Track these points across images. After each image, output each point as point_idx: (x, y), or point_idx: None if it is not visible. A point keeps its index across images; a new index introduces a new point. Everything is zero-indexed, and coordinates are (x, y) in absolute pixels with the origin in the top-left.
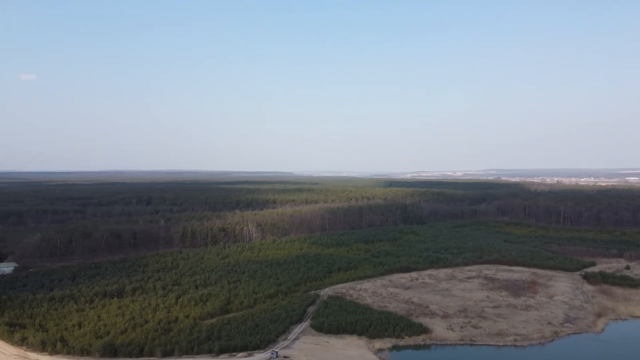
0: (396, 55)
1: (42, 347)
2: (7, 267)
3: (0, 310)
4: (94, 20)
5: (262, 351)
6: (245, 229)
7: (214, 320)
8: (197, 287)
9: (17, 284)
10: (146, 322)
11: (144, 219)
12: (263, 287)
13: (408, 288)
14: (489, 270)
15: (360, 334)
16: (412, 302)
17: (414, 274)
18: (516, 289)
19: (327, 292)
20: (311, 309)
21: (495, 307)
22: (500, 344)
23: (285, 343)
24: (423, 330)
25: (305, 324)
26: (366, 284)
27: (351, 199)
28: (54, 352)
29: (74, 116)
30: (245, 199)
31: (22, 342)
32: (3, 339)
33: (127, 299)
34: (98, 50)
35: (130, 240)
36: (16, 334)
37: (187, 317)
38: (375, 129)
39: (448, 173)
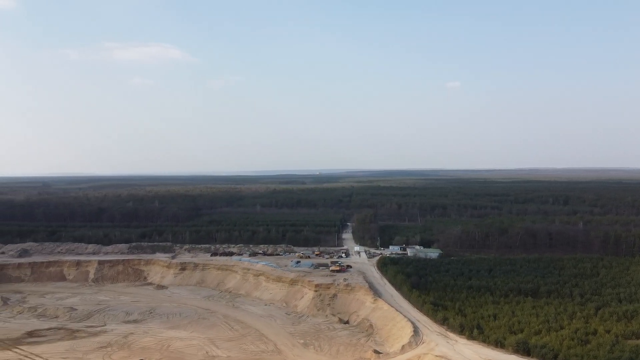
0: None
1: (460, 330)
2: (433, 253)
3: (427, 290)
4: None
5: None
6: None
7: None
8: (620, 301)
9: (441, 268)
10: (561, 328)
11: (560, 219)
12: None
13: None
14: None
15: None
16: None
17: None
18: None
19: None
20: None
21: None
22: None
23: None
24: None
25: None
26: None
27: None
28: (470, 337)
29: (504, 118)
30: None
31: (443, 322)
32: (428, 316)
33: (542, 300)
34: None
35: (545, 240)
36: (439, 313)
37: (608, 332)
38: None
39: None
